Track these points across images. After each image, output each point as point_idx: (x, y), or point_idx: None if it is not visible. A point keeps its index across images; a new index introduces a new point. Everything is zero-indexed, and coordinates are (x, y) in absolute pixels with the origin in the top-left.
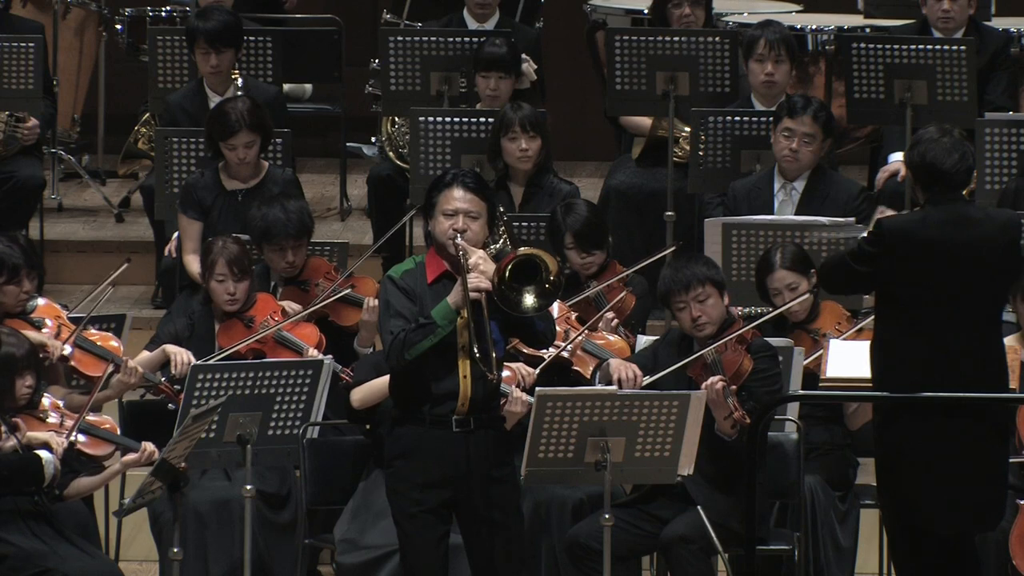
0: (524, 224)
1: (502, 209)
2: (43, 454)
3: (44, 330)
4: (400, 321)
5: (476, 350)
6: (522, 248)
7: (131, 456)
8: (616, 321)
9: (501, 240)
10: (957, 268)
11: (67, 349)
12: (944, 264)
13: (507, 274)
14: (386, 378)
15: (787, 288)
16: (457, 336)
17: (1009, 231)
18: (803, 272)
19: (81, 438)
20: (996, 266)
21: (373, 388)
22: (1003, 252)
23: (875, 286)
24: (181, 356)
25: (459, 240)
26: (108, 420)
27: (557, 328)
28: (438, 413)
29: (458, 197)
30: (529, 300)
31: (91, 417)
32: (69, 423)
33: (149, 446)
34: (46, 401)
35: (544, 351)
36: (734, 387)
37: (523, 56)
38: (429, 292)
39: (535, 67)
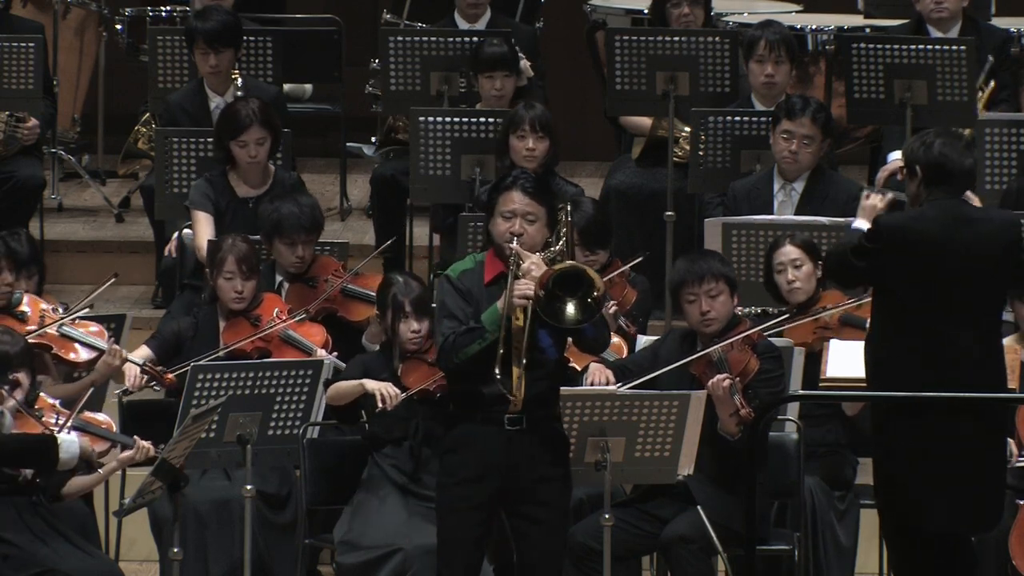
0: None
1: (569, 208)
2: (62, 436)
3: (27, 322)
4: (453, 323)
5: (498, 371)
6: (569, 261)
7: (127, 453)
8: (615, 308)
9: (561, 242)
10: (956, 265)
11: (45, 338)
12: (943, 261)
13: (551, 283)
14: (348, 384)
15: (791, 264)
16: (510, 338)
17: (1008, 231)
18: (810, 254)
19: (76, 435)
20: (995, 265)
21: (339, 389)
22: (1003, 252)
23: (873, 282)
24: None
25: (514, 244)
26: (105, 418)
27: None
28: (491, 410)
29: (517, 200)
30: (570, 311)
31: (88, 415)
32: (64, 419)
33: (143, 442)
34: (42, 398)
35: None
36: (740, 384)
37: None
38: (486, 293)
39: (529, 63)
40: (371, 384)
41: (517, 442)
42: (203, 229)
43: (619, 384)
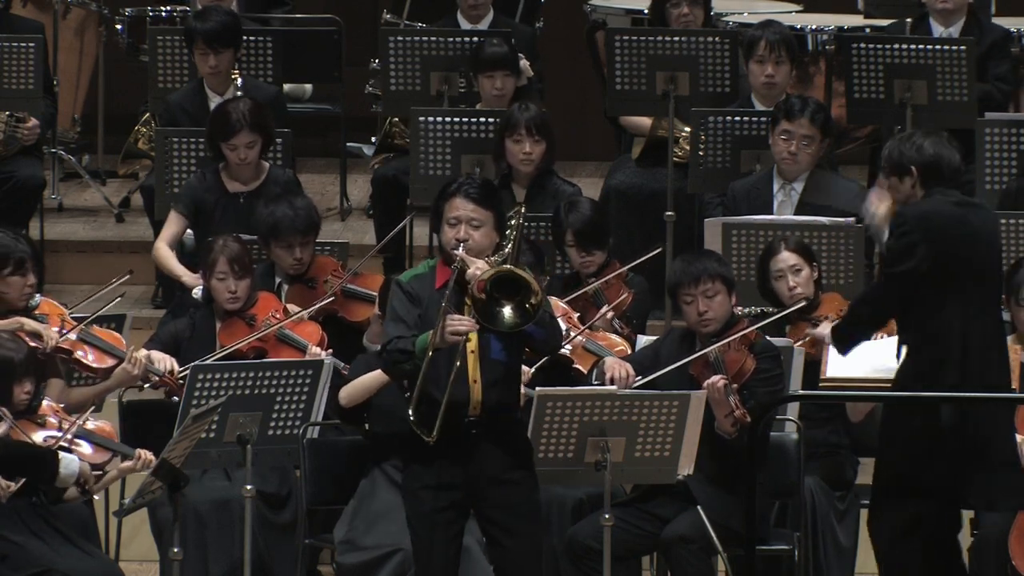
0: (527, 224)
1: (523, 210)
2: (65, 454)
3: (46, 325)
4: (400, 326)
5: (412, 411)
6: (506, 266)
7: (127, 463)
8: (612, 314)
9: (509, 245)
10: (975, 248)
11: (67, 343)
12: (965, 244)
13: (488, 287)
14: (371, 375)
15: (790, 270)
16: (466, 343)
17: (995, 216)
18: (806, 257)
19: (77, 444)
20: (998, 246)
21: (358, 385)
22: (998, 235)
23: (916, 284)
24: (165, 363)
25: (460, 251)
26: (107, 425)
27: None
28: (451, 416)
29: (460, 206)
30: (507, 314)
31: (90, 424)
32: (67, 426)
33: (145, 453)
34: (45, 405)
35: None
36: (735, 386)
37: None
38: (436, 296)
39: (528, 63)
40: None
41: (478, 447)
42: (168, 229)
43: (639, 377)
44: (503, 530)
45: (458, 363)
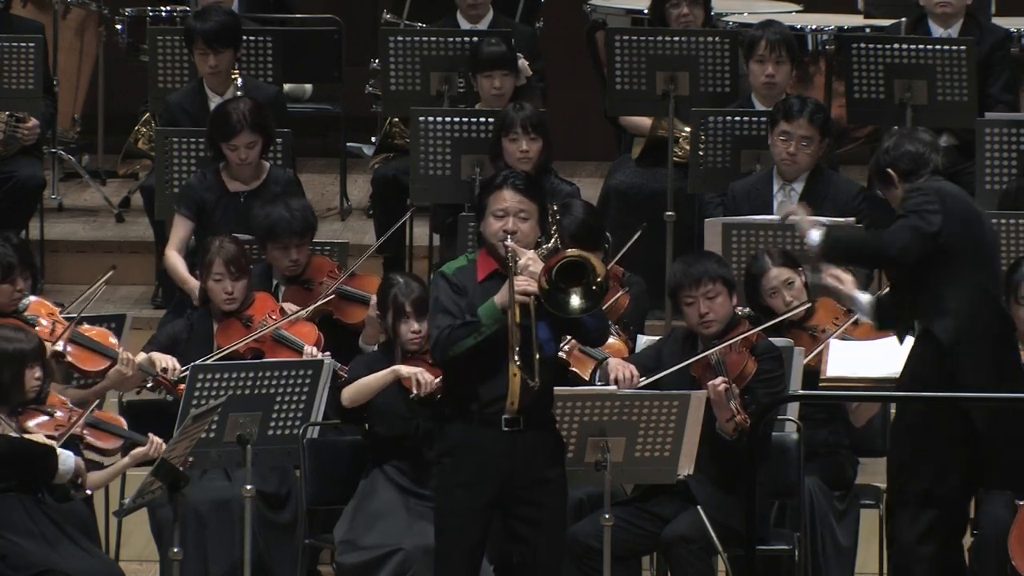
0: None
1: (555, 207)
2: (61, 451)
3: (37, 328)
4: (447, 318)
5: (518, 357)
6: (569, 250)
7: (140, 449)
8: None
9: (553, 239)
10: (986, 227)
11: (59, 345)
12: (976, 222)
13: (553, 275)
14: (375, 376)
15: (784, 284)
16: (507, 335)
17: None
18: (794, 268)
19: (88, 432)
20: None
21: (362, 386)
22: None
23: (933, 251)
24: (166, 363)
25: (509, 242)
26: (115, 416)
27: None
28: (488, 412)
29: (508, 198)
30: (575, 301)
31: (99, 413)
32: (75, 417)
33: (156, 439)
34: (53, 396)
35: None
36: (737, 389)
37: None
38: (479, 289)
39: (527, 62)
40: (406, 369)
41: (515, 444)
42: (176, 235)
43: (643, 378)
44: (536, 527)
45: (535, 354)
